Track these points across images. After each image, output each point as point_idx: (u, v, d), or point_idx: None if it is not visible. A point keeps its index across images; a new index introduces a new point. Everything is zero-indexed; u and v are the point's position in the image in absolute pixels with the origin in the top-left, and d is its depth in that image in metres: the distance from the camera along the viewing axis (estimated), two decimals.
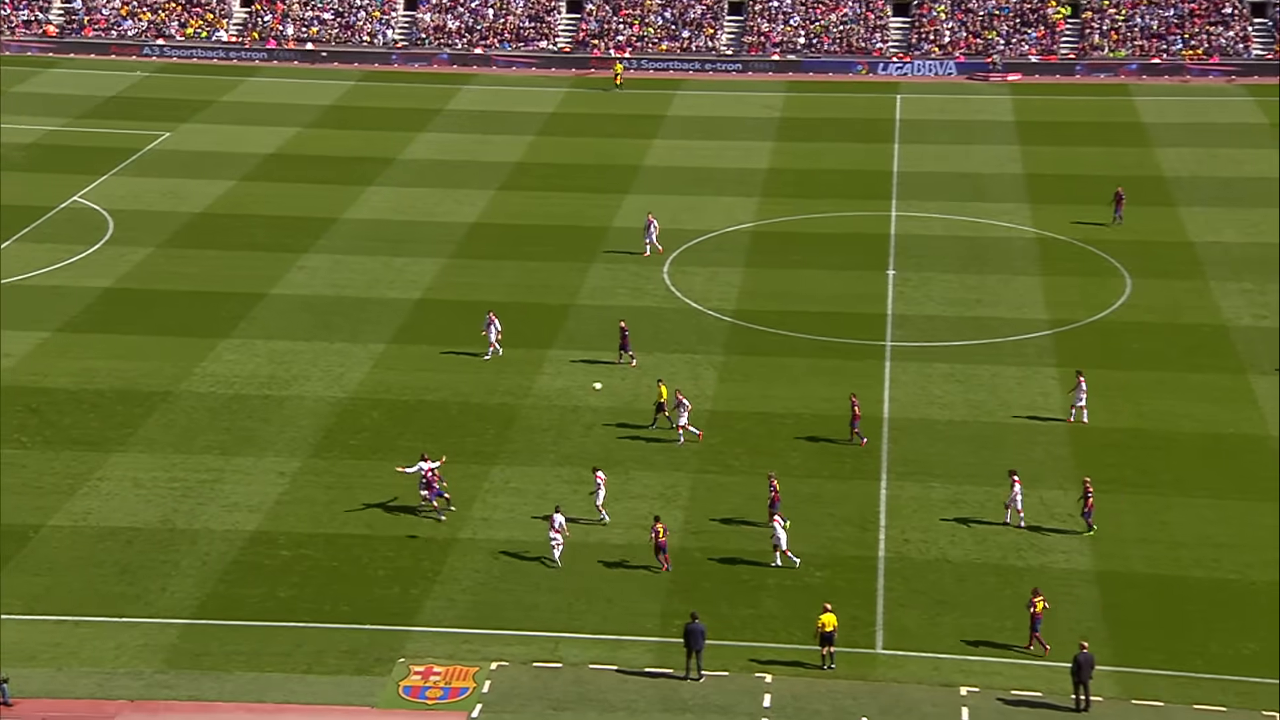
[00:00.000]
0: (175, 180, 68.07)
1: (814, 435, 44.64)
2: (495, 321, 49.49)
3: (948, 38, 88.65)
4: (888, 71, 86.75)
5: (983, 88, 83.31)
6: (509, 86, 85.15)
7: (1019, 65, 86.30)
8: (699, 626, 34.28)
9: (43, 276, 56.07)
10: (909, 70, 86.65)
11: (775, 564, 38.27)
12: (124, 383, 47.60)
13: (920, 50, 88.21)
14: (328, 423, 45.51)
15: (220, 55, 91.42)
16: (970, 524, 40.09)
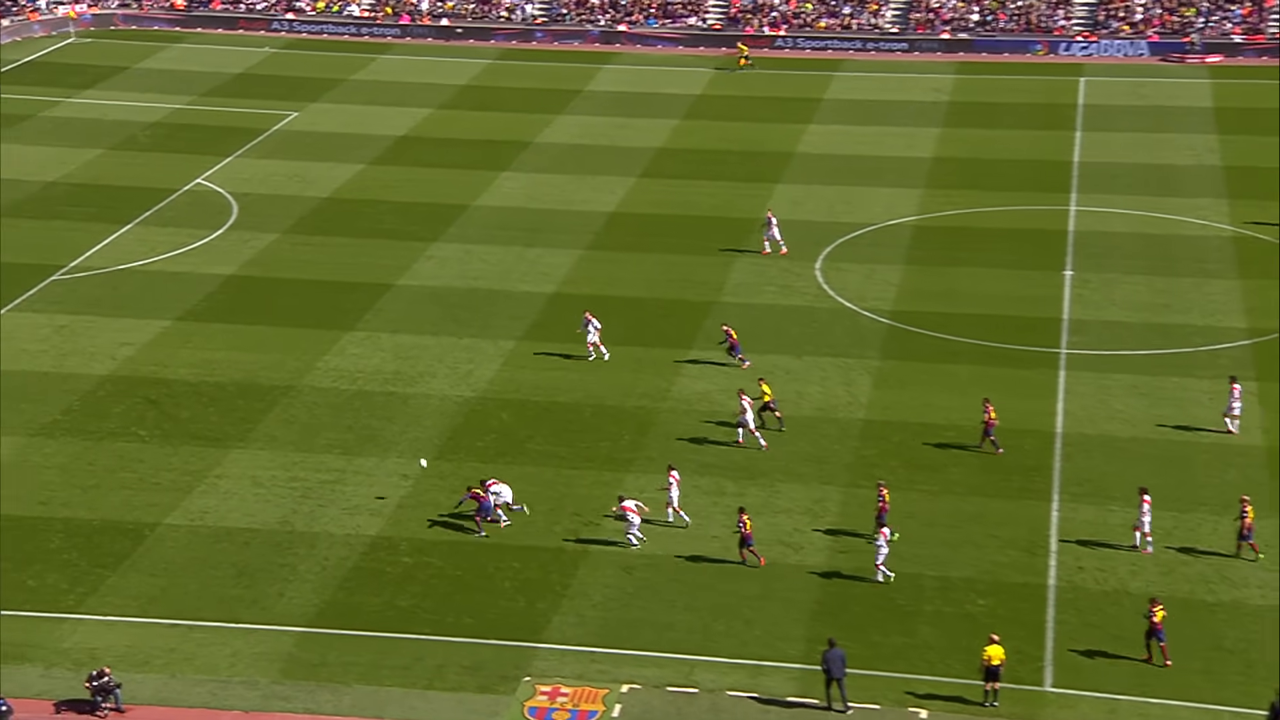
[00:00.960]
0: (302, 163, 69.56)
1: (978, 449, 43.90)
2: (593, 321, 49.57)
3: (1140, 15, 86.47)
4: (1070, 52, 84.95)
5: (1178, 70, 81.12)
6: (654, 66, 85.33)
7: (1220, 45, 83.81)
8: (838, 652, 33.94)
9: (165, 262, 57.79)
10: (1094, 50, 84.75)
11: (879, 578, 37.82)
12: (245, 375, 48.79)
13: (1108, 29, 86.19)
14: (454, 423, 46.09)
15: (351, 31, 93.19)
16: (1154, 552, 39.02)
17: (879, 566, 38.08)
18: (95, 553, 39.28)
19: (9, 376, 48.22)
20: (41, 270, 56.44)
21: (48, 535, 39.91)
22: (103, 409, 46.20)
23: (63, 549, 39.38)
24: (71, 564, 38.82)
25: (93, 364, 49.15)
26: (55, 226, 60.98)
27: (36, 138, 72.03)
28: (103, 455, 43.80)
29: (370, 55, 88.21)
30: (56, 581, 38.14)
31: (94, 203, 63.73)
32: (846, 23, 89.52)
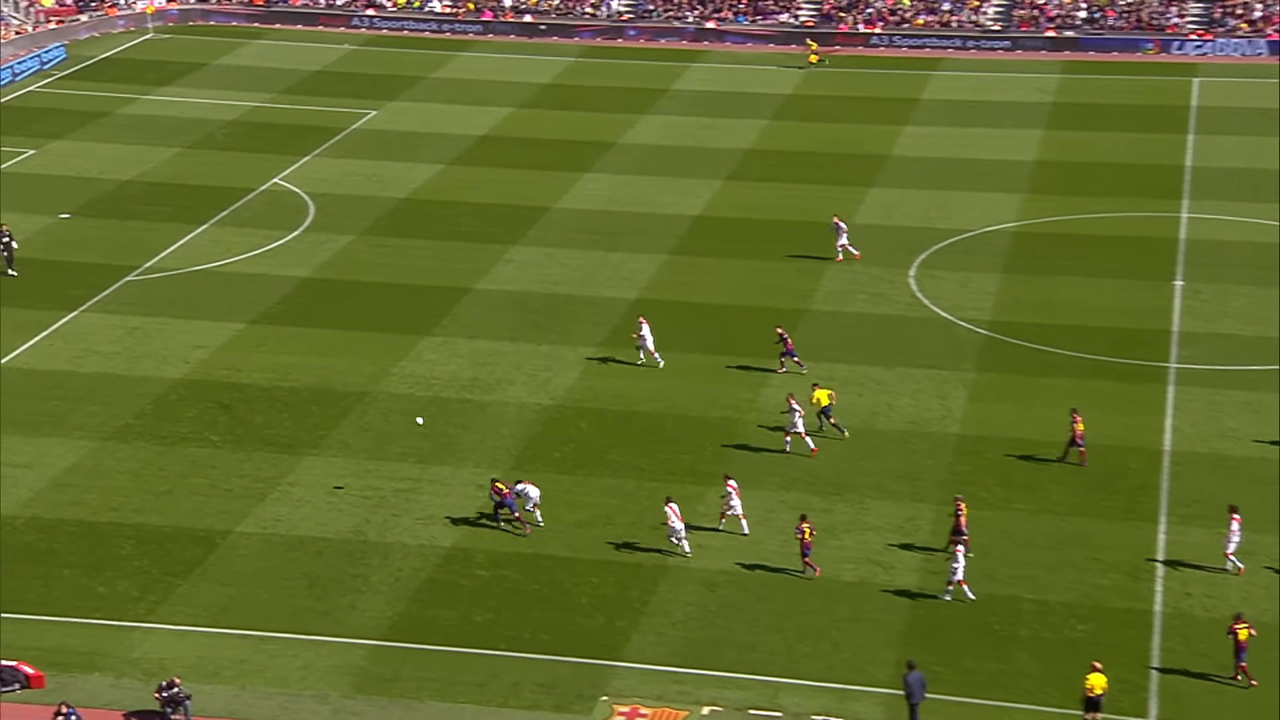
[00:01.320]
0: (380, 163, 70.17)
1: (1062, 460, 43.31)
2: (645, 325, 49.56)
3: (1259, 12, 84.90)
4: (1183, 51, 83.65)
5: None
6: (743, 65, 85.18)
7: None
8: (918, 676, 33.58)
9: (240, 264, 58.50)
10: (1209, 49, 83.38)
11: (945, 597, 37.33)
12: (319, 381, 49.24)
13: (1225, 27, 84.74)
14: (532, 432, 46.20)
15: (432, 28, 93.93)
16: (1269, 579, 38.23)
17: (952, 584, 37.59)
18: (166, 560, 39.79)
19: (81, 379, 49.02)
20: (116, 271, 57.35)
21: (119, 542, 40.49)
22: (175, 413, 46.82)
23: (134, 556, 39.93)
24: (142, 571, 39.35)
25: (165, 367, 49.84)
26: (130, 226, 61.95)
27: (113, 135, 73.28)
28: (175, 460, 44.37)
29: (451, 52, 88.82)
30: (127, 589, 38.67)
31: (170, 202, 64.68)
32: (945, 19, 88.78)
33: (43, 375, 48.97)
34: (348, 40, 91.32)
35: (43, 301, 54.55)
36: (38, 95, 79.51)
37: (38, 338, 51.76)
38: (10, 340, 51.36)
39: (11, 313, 53.44)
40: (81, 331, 52.39)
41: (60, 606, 37.86)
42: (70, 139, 72.53)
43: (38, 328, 52.43)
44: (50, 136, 72.69)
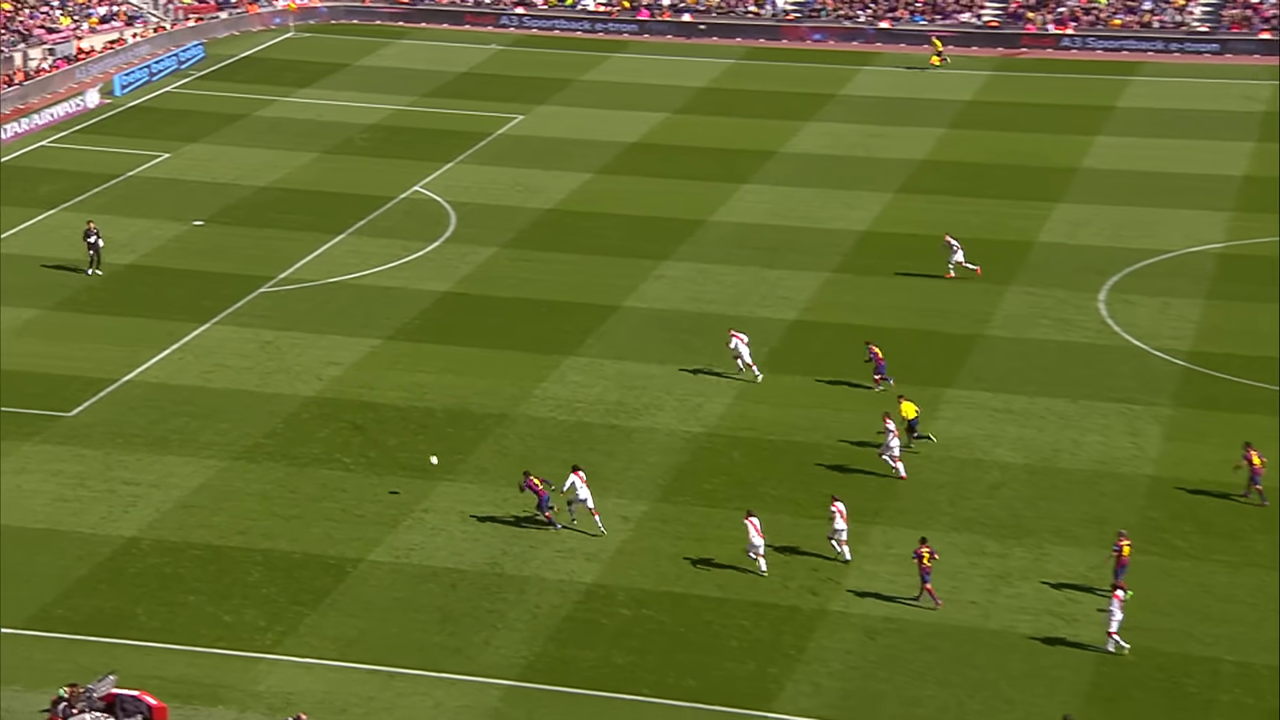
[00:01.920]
0: (525, 170, 70.92)
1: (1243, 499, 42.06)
2: (737, 337, 50.11)
3: None
4: None
5: None
6: (919, 68, 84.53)
7: None
8: None
9: (377, 276, 59.55)
10: None
11: (1109, 648, 36.62)
12: (457, 401, 49.84)
13: None
14: (680, 461, 46.22)
15: (585, 27, 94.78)
16: None
17: (1111, 635, 36.72)
18: (295, 588, 40.52)
19: (212, 395, 50.24)
20: (249, 281, 58.73)
21: (247, 567, 41.35)
22: (307, 433, 47.75)
23: (261, 583, 40.75)
24: (270, 600, 40.11)
25: (298, 384, 50.88)
26: (265, 235, 63.42)
27: (249, 139, 75.15)
28: (305, 483, 45.24)
29: (603, 54, 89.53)
30: (254, 618, 39.45)
31: (306, 210, 66.11)
32: (1146, 20, 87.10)
33: (172, 390, 50.31)
34: (495, 40, 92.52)
35: (174, 313, 56.07)
36: (174, 96, 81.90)
37: (168, 350, 53.20)
38: (140, 353, 52.85)
39: (142, 324, 55.00)
40: (213, 345, 53.73)
41: (184, 634, 38.76)
42: (206, 142, 74.54)
43: (168, 340, 53.88)
44: (185, 139, 74.78)
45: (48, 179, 69.36)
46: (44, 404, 49.23)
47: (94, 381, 50.73)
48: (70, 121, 77.30)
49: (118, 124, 77.33)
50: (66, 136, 75.34)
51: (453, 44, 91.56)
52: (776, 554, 41.49)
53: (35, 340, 53.80)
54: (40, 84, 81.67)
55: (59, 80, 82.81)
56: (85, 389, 50.26)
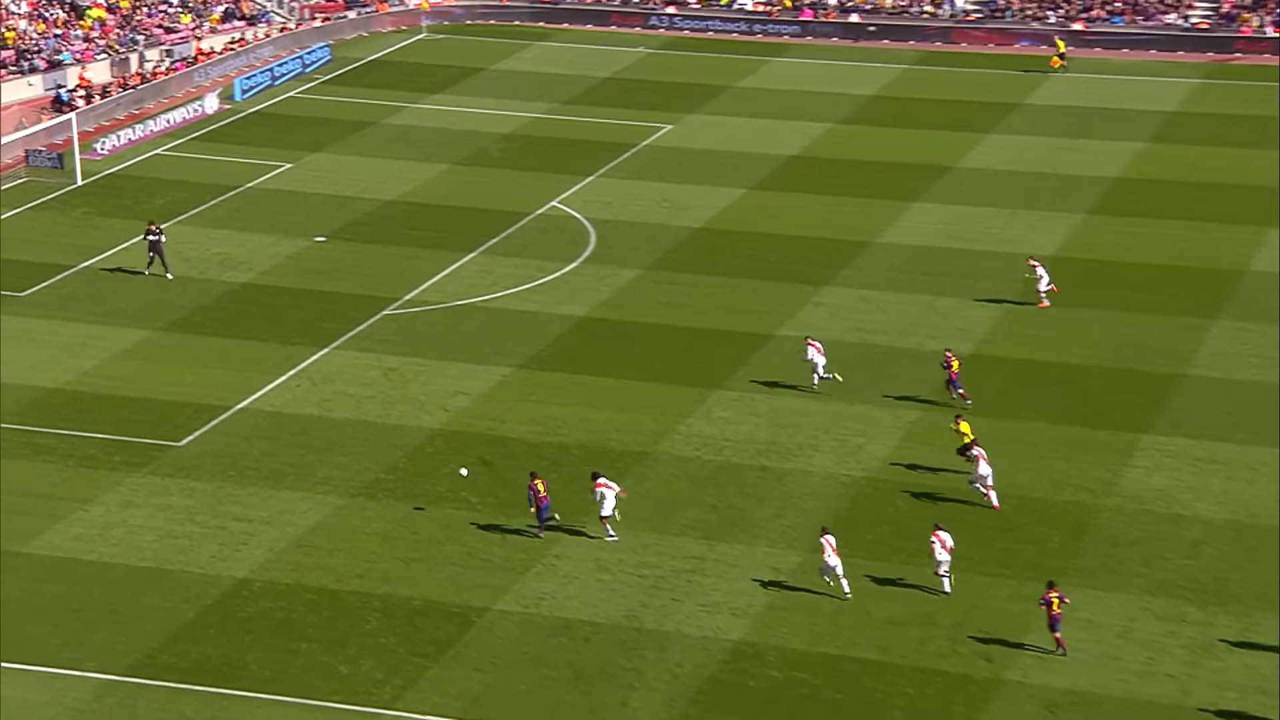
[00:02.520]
0: (673, 185, 71.10)
1: None
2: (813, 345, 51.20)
3: None
4: None
5: None
6: (1115, 75, 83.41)
7: None
8: None
9: (509, 299, 60.04)
10: None
11: None
12: (593, 437, 49.99)
13: None
14: (838, 508, 45.89)
15: (742, 28, 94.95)
16: None
17: None
18: (416, 638, 40.85)
19: (330, 425, 50.95)
20: (373, 303, 59.54)
21: (364, 614, 41.79)
22: (431, 468, 48.21)
23: (380, 631, 41.15)
24: (389, 650, 40.47)
25: (422, 415, 51.41)
26: (391, 253, 64.28)
27: (376, 148, 76.30)
28: (429, 523, 45.65)
29: (762, 58, 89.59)
30: (371, 670, 39.82)
31: (435, 226, 66.91)
32: None
33: (288, 419, 51.11)
34: (643, 43, 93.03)
35: (292, 336, 56.99)
36: (297, 101, 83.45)
37: (284, 377, 54.07)
38: (255, 379, 53.79)
39: (257, 347, 55.99)
40: (332, 371, 54.52)
41: (297, 686, 39.22)
42: (329, 151, 75.83)
43: (285, 365, 54.77)
44: (308, 149, 76.15)
45: (161, 190, 71.00)
46: (152, 432, 50.29)
47: (205, 409, 51.72)
48: (187, 128, 79.12)
49: (237, 131, 78.99)
50: (183, 144, 77.11)
51: (597, 46, 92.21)
52: (949, 613, 40.95)
53: (144, 364, 55.02)
54: (156, 87, 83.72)
55: (176, 84, 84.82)
56: (196, 417, 51.26)
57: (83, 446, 49.34)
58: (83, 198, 69.74)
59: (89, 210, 68.65)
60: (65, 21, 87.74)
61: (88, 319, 58.20)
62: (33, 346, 56.05)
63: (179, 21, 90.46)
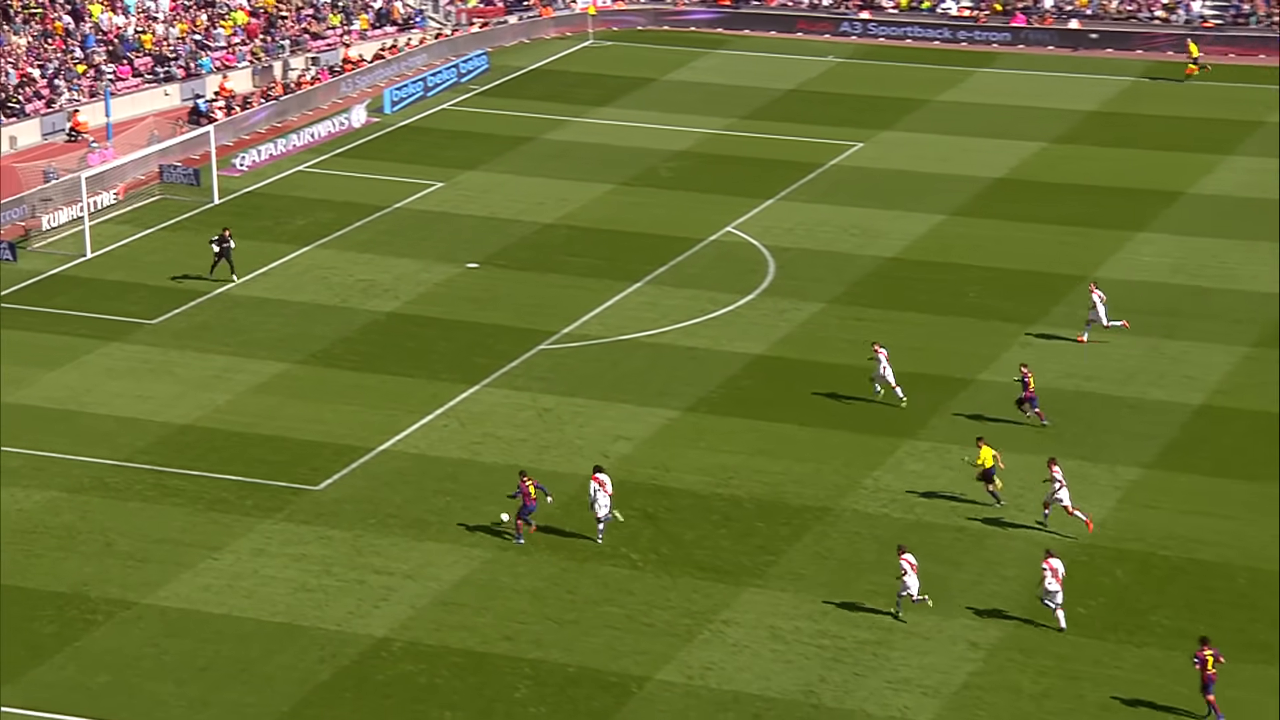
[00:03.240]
0: (863, 210, 70.86)
1: None
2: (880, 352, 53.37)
3: None
4: None
5: None
6: None
7: None
8: None
9: (677, 334, 60.20)
10: None
11: None
12: (769, 490, 49.88)
13: None
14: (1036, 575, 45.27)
15: (944, 35, 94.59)
16: None
17: None
18: (569, 709, 40.98)
19: (480, 470, 51.39)
20: (528, 336, 60.07)
21: (513, 681, 42.03)
22: (588, 521, 48.41)
23: (529, 700, 41.36)
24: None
25: (579, 460, 51.69)
26: (549, 281, 64.84)
27: (535, 166, 77.07)
28: (586, 581, 45.84)
29: (967, 68, 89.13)
30: None
31: (598, 252, 67.36)
32: None
33: (434, 463, 51.68)
34: (833, 51, 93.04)
35: (440, 371, 57.67)
36: (451, 115, 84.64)
37: (431, 416, 54.68)
38: (400, 418, 54.47)
39: (403, 383, 56.69)
40: (483, 411, 55.06)
41: None
42: (485, 169, 76.75)
43: (432, 403, 55.41)
44: (462, 166, 77.14)
45: (303, 210, 72.34)
46: (288, 475, 51.14)
47: (345, 450, 52.49)
48: (332, 143, 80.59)
49: (386, 146, 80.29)
50: (327, 160, 78.55)
51: (781, 55, 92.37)
52: (1166, 696, 40.20)
53: (280, 399, 56.00)
54: (300, 98, 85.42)
55: (321, 94, 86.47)
56: (335, 458, 52.04)
57: (213, 489, 50.31)
58: (219, 217, 71.20)
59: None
60: (206, 24, 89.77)
61: (222, 350, 59.41)
62: (163, 379, 57.34)
63: (327, 24, 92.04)
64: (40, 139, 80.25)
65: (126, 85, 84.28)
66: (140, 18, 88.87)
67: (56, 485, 50.27)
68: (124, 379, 57.23)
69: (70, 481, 50.47)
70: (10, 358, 58.66)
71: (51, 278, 65.74)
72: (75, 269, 66.61)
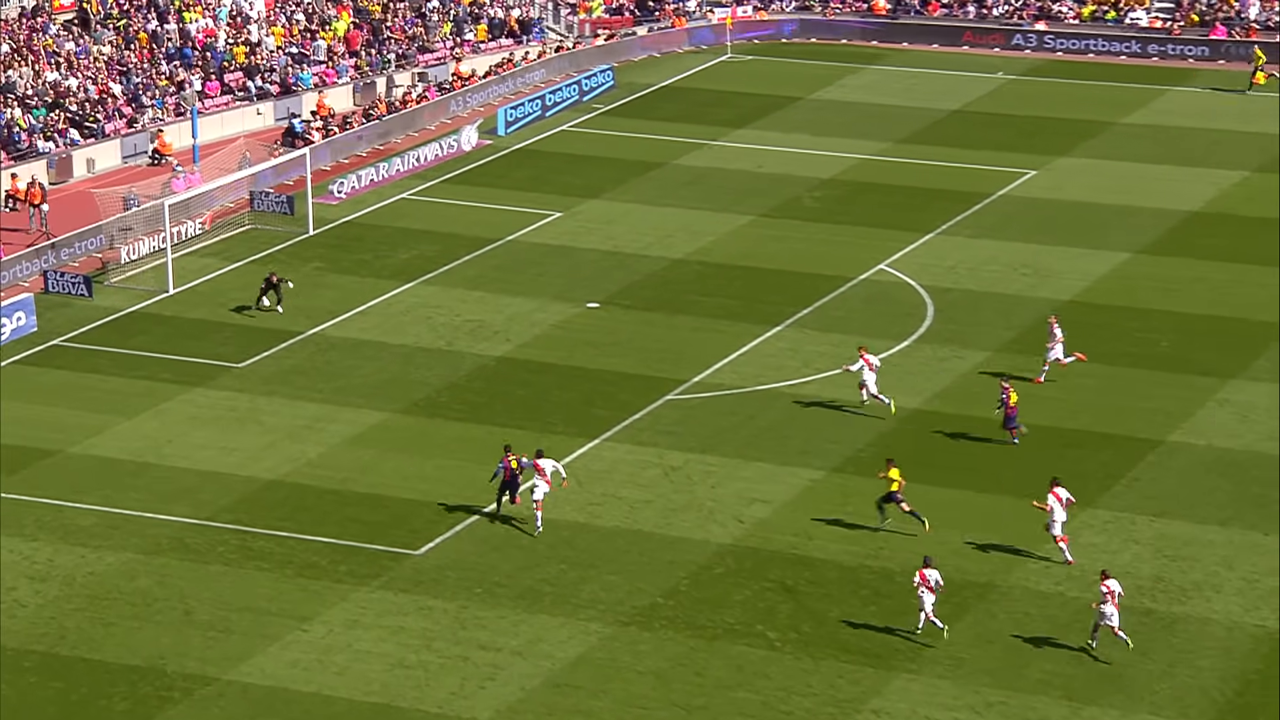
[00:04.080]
0: (1035, 246, 70.43)
1: None
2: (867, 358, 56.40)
3: None
4: None
5: None
6: None
7: None
8: None
9: (822, 384, 59.96)
10: None
11: None
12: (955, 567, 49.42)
13: None
14: (1245, 669, 44.59)
15: (1132, 49, 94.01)
16: None
17: None
18: None
19: (597, 535, 51.42)
20: (654, 385, 60.09)
21: None
22: (720, 594, 48.31)
23: None
24: None
25: (711, 526, 51.62)
26: (677, 324, 64.87)
27: (664, 195, 77.26)
28: (716, 662, 45.72)
29: (1158, 86, 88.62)
30: None
31: (733, 291, 67.35)
32: None
33: (548, 526, 51.69)
34: (1003, 67, 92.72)
35: (556, 423, 57.78)
36: (571, 137, 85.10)
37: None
38: None
39: (513, 436, 56.76)
40: (602, 469, 55.11)
41: None
42: (608, 198, 77.06)
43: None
44: (582, 194, 77.50)
45: (406, 242, 72.92)
46: (385, 537, 51.44)
47: (450, 510, 52.74)
48: (440, 167, 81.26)
49: (499, 171, 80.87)
50: (433, 187, 79.20)
51: (944, 71, 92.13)
52: None
53: (379, 452, 56.36)
54: (405, 118, 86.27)
55: (428, 114, 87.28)
56: (438, 520, 52.28)
57: (303, 552, 50.71)
58: (314, 250, 72.02)
59: (321, 265, 70.83)
60: (304, 31, 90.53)
61: (314, 397, 59.94)
62: (250, 429, 57.92)
63: (436, 35, 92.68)
64: (120, 162, 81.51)
65: (215, 103, 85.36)
66: (234, 25, 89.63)
67: (131, 546, 50.87)
68: (207, 428, 57.89)
69: (146, 542, 51.06)
70: (84, 403, 59.52)
71: (129, 315, 66.67)
72: (156, 306, 67.52)
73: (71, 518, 52.29)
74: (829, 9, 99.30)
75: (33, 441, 56.63)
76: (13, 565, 49.65)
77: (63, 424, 57.85)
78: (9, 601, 47.91)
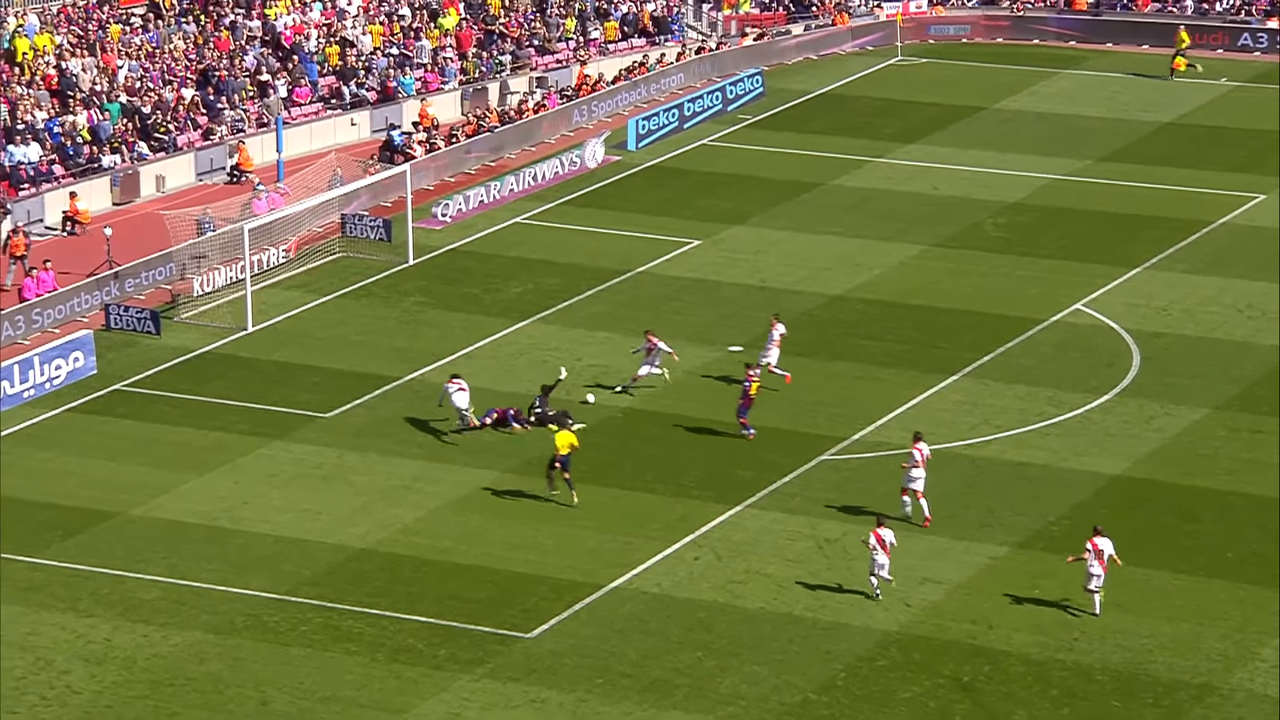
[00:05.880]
0: (1265, 284, 70.04)
1: None
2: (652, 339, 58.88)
3: None
4: None
5: None
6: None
7: None
8: None
9: (1006, 444, 59.63)
10: None
11: None
12: (1127, 656, 48.88)
13: None
14: None
15: None
16: None
17: None
18: None
19: (740, 618, 51.25)
20: (807, 443, 60.01)
21: None
22: (883, 690, 48.08)
23: None
24: None
25: (871, 609, 51.45)
26: (835, 371, 64.81)
27: (820, 221, 77.33)
28: None
29: None
30: None
31: (901, 334, 67.29)
32: None
33: (680, 606, 51.76)
34: (1227, 72, 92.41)
35: (691, 486, 57.76)
36: (713, 152, 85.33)
37: (679, 545, 54.64)
38: (635, 546, 54.61)
39: (638, 501, 56.88)
40: (745, 540, 54.97)
41: None
42: (755, 224, 77.23)
43: (682, 529, 55.41)
44: (726, 219, 77.68)
45: (520, 274, 73.28)
46: (492, 618, 51.60)
47: (566, 586, 52.84)
48: (560, 187, 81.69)
49: (628, 192, 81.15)
50: (552, 210, 79.61)
51: (1154, 78, 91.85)
52: None
53: (486, 518, 56.59)
54: (520, 130, 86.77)
55: (548, 125, 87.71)
56: (553, 597, 52.40)
57: (398, 633, 50.97)
58: (414, 282, 72.48)
59: (422, 300, 71.30)
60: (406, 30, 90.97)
61: (413, 453, 60.28)
62: (338, 489, 58.31)
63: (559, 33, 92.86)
64: (194, 179, 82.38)
65: (303, 112, 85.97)
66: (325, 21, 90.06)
67: (201, 624, 51.31)
68: (288, 488, 58.35)
69: (218, 619, 51.49)
70: (149, 458, 60.11)
71: (202, 356, 67.31)
72: (232, 345, 68.15)
73: (133, 590, 52.81)
74: (1019, 4, 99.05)
75: (90, 502, 57.28)
76: (65, 645, 50.18)
77: (124, 482, 58.47)
78: (60, 688, 48.42)
